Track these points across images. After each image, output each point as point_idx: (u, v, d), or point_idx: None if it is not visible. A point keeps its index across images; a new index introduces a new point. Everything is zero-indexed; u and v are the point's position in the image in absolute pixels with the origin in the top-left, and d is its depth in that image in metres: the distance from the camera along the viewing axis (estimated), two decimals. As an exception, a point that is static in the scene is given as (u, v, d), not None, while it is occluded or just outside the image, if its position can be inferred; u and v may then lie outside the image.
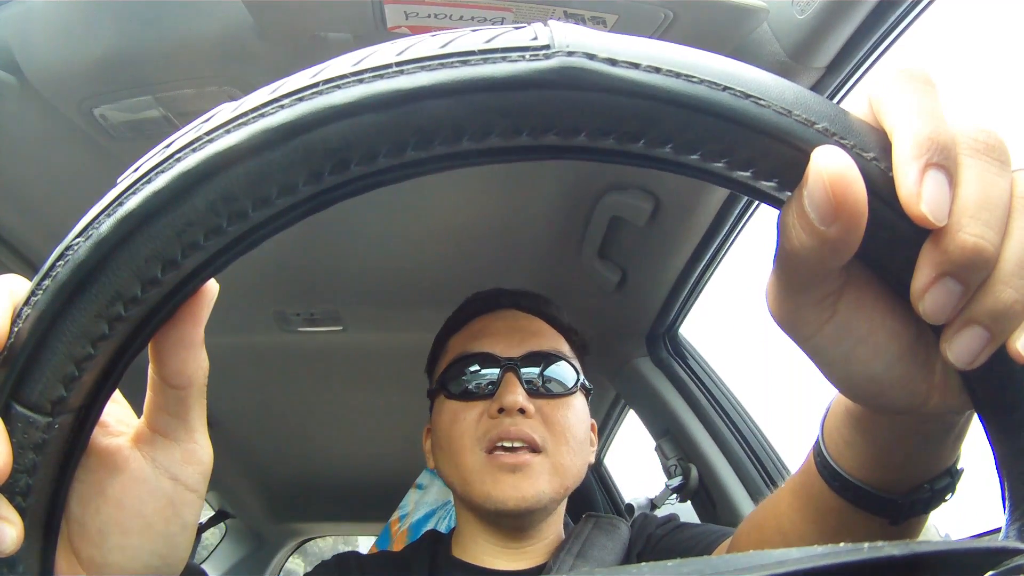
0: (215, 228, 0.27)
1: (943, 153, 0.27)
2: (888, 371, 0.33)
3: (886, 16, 0.83)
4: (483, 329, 0.95)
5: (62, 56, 0.97)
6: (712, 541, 0.79)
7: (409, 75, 0.26)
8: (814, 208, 0.27)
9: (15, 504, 0.29)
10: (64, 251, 0.28)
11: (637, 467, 1.93)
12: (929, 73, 0.30)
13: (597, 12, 0.84)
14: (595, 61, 0.26)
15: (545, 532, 0.90)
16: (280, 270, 1.48)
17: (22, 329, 0.28)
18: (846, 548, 0.23)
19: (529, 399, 0.87)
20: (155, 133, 1.08)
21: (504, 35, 0.27)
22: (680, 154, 0.28)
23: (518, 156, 0.29)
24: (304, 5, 0.86)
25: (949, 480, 0.43)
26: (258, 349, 1.82)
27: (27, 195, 1.25)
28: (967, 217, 0.27)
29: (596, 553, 0.86)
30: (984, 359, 0.29)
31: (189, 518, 0.37)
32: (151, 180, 0.27)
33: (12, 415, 0.29)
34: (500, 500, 0.82)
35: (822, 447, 0.46)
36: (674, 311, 1.52)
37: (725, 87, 0.27)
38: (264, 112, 0.26)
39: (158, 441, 0.36)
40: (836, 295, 0.32)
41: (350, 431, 2.32)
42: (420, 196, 1.28)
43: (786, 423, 1.62)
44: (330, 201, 0.29)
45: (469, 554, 0.90)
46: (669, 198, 1.23)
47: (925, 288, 0.28)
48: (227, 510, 2.92)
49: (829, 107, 0.28)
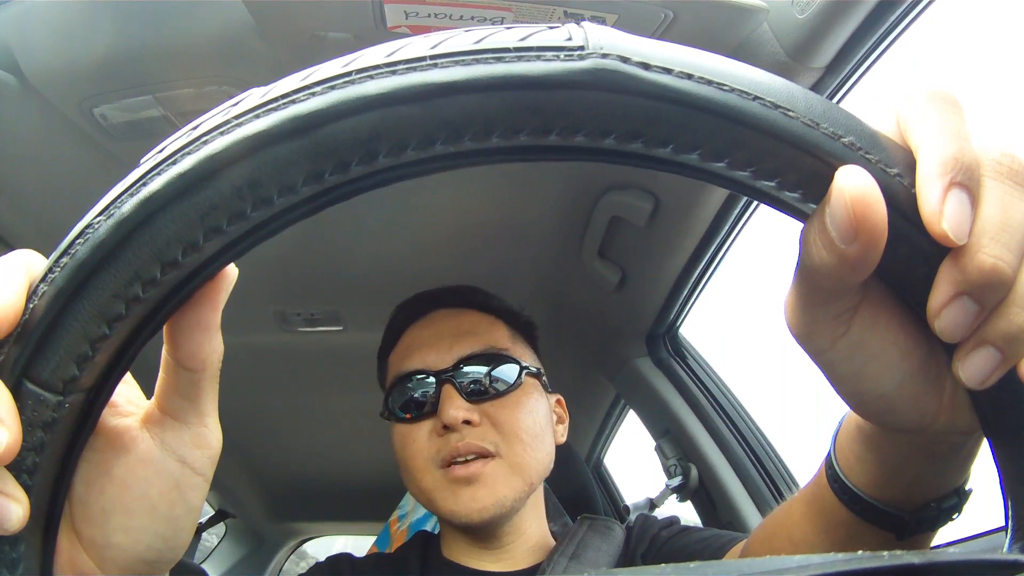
0: (239, 213, 0.27)
1: (967, 173, 0.28)
2: (898, 389, 0.33)
3: (886, 16, 0.83)
4: (412, 342, 0.93)
5: (62, 56, 0.97)
6: (722, 545, 0.79)
7: (443, 68, 0.26)
8: (835, 226, 0.27)
9: (21, 482, 0.29)
10: (84, 229, 0.28)
11: (637, 467, 1.93)
12: (957, 96, 0.30)
13: (597, 12, 0.84)
14: (629, 64, 0.26)
15: (523, 528, 0.90)
16: (280, 270, 1.48)
17: (38, 306, 0.28)
18: (867, 555, 0.24)
19: (473, 407, 0.85)
20: (155, 133, 1.08)
21: (538, 34, 0.27)
22: (706, 161, 0.28)
23: (546, 156, 0.29)
24: (304, 5, 0.86)
25: (956, 500, 0.43)
26: (258, 349, 1.82)
27: (27, 195, 1.25)
28: (987, 238, 0.27)
29: (590, 555, 0.86)
30: (995, 380, 0.29)
31: (194, 501, 0.37)
32: (177, 161, 0.27)
33: (23, 392, 0.28)
34: (464, 515, 0.82)
35: (833, 460, 0.46)
36: (674, 311, 1.52)
37: (755, 96, 0.27)
38: (295, 99, 0.26)
39: (168, 423, 0.36)
40: (852, 312, 0.32)
41: (350, 431, 2.32)
42: (420, 196, 1.28)
43: (786, 423, 1.62)
44: (355, 192, 0.28)
45: (456, 555, 0.91)
46: (669, 198, 1.23)
47: (942, 306, 0.28)
48: (227, 510, 2.93)
49: (856, 122, 0.28)
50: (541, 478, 0.89)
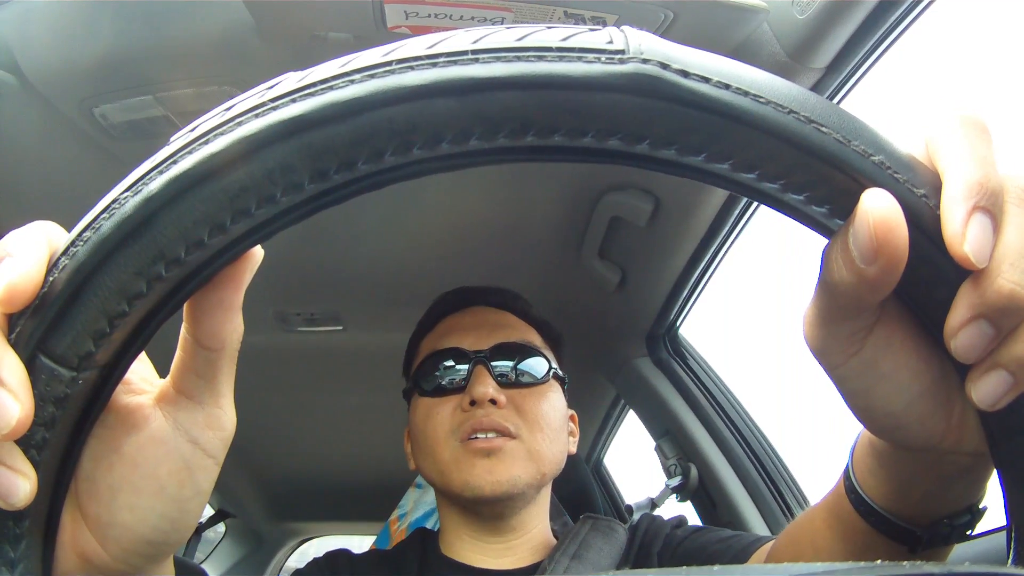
0: (269, 197, 0.27)
1: (991, 199, 0.28)
2: (907, 408, 0.34)
3: (886, 16, 0.83)
4: (452, 327, 0.97)
5: (62, 56, 0.97)
6: (745, 547, 0.79)
7: (484, 64, 0.26)
8: (857, 246, 0.28)
9: (29, 457, 0.29)
10: (110, 204, 0.27)
11: (637, 467, 1.93)
12: (985, 122, 0.31)
13: (597, 12, 0.84)
14: (668, 71, 0.26)
15: (528, 525, 0.91)
16: (280, 270, 1.48)
17: (57, 279, 0.27)
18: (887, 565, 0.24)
19: (500, 390, 0.89)
20: (155, 133, 1.08)
21: (580, 35, 0.27)
22: (738, 171, 0.28)
23: (578, 158, 0.29)
24: (304, 5, 0.86)
25: (970, 517, 0.43)
26: (258, 349, 1.82)
27: (27, 195, 1.25)
28: (1007, 264, 0.28)
29: (592, 555, 0.86)
30: (1006, 402, 0.30)
31: (204, 484, 0.36)
32: (209, 141, 0.26)
33: (37, 366, 0.28)
34: (476, 486, 0.83)
35: (851, 471, 0.47)
36: (674, 311, 1.52)
37: (790, 110, 0.27)
38: (334, 85, 0.26)
39: (182, 402, 0.35)
40: (867, 331, 0.33)
41: (350, 430, 2.32)
42: (420, 196, 1.28)
43: (786, 423, 1.62)
44: (385, 182, 0.28)
45: (456, 552, 0.91)
46: (669, 198, 1.23)
47: (959, 327, 0.29)
48: (227, 510, 2.93)
49: (887, 141, 0.29)
50: (553, 473, 0.91)
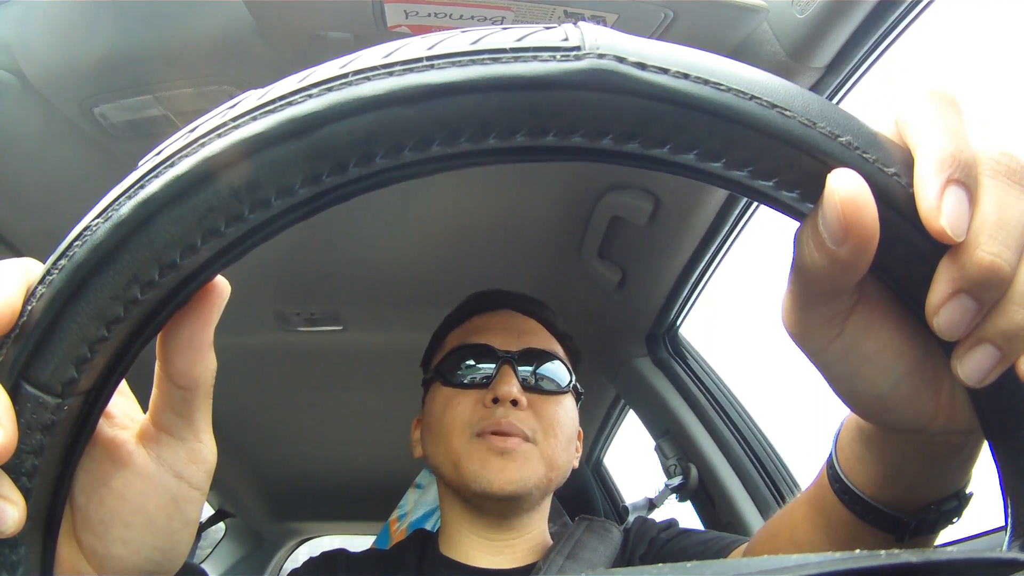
0: (237, 215, 0.27)
1: (965, 171, 0.28)
2: (894, 389, 0.34)
3: (886, 16, 0.83)
4: (483, 325, 0.99)
5: (62, 56, 0.97)
6: (723, 547, 0.80)
7: (440, 70, 0.26)
8: (827, 228, 0.28)
9: (20, 485, 0.29)
10: (82, 232, 0.27)
11: (637, 467, 1.93)
12: (955, 95, 0.30)
13: (597, 12, 0.84)
14: (625, 64, 0.26)
15: (529, 527, 0.92)
16: (280, 270, 1.48)
17: (35, 308, 0.28)
18: (864, 554, 0.24)
19: (523, 392, 0.90)
20: (155, 132, 1.08)
21: (535, 34, 0.27)
22: (704, 161, 0.28)
23: (543, 157, 0.29)
24: (304, 5, 0.86)
25: (957, 504, 0.43)
26: (258, 349, 1.82)
27: (27, 195, 1.25)
28: (985, 235, 0.27)
29: (587, 555, 0.87)
30: (994, 378, 0.29)
31: (191, 514, 0.37)
32: (174, 164, 0.27)
33: (21, 395, 0.28)
34: (487, 480, 0.84)
35: (834, 460, 0.46)
36: (674, 311, 1.52)
37: (752, 96, 0.27)
38: (292, 100, 0.26)
39: (163, 439, 0.36)
40: (845, 314, 0.32)
41: (350, 430, 2.32)
42: (420, 196, 1.28)
43: (786, 422, 1.62)
44: (353, 193, 0.28)
45: (455, 550, 0.91)
46: (669, 198, 1.23)
47: (940, 303, 0.28)
48: (227, 510, 2.92)
49: (854, 121, 0.28)
50: (559, 481, 0.92)
